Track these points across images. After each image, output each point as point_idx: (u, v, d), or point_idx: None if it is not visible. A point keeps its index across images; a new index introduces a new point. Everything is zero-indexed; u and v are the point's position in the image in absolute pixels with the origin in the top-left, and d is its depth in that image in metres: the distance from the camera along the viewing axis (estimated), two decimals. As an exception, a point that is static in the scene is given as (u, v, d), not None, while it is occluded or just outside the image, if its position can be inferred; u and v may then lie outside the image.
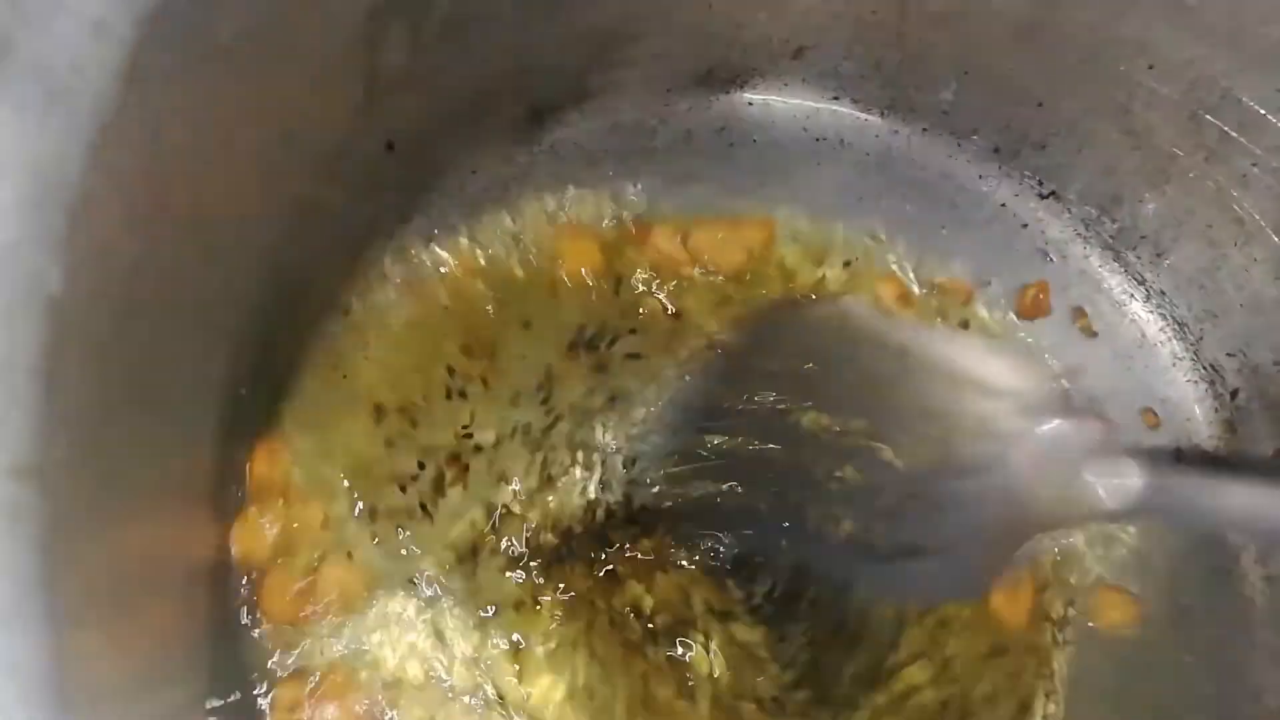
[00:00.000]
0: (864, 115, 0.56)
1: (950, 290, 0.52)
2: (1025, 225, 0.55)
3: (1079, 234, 0.55)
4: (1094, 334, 0.53)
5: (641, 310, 0.50)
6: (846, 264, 0.52)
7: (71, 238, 0.23)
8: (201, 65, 0.29)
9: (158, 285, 0.30)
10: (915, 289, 0.52)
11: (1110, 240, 0.54)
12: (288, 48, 0.34)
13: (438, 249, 0.50)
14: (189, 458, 0.36)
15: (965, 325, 0.52)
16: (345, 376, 0.47)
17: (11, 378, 0.21)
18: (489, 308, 0.49)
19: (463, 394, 0.48)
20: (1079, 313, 0.53)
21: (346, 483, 0.46)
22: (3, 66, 0.23)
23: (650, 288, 0.50)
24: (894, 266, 0.52)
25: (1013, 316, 0.53)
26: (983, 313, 0.53)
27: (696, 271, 0.51)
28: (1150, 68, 0.47)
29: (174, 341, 0.33)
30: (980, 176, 0.55)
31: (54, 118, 0.23)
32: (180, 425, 0.34)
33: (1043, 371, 0.50)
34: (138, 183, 0.27)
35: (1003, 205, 0.55)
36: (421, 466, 0.47)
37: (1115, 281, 0.54)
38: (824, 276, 0.52)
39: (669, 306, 0.50)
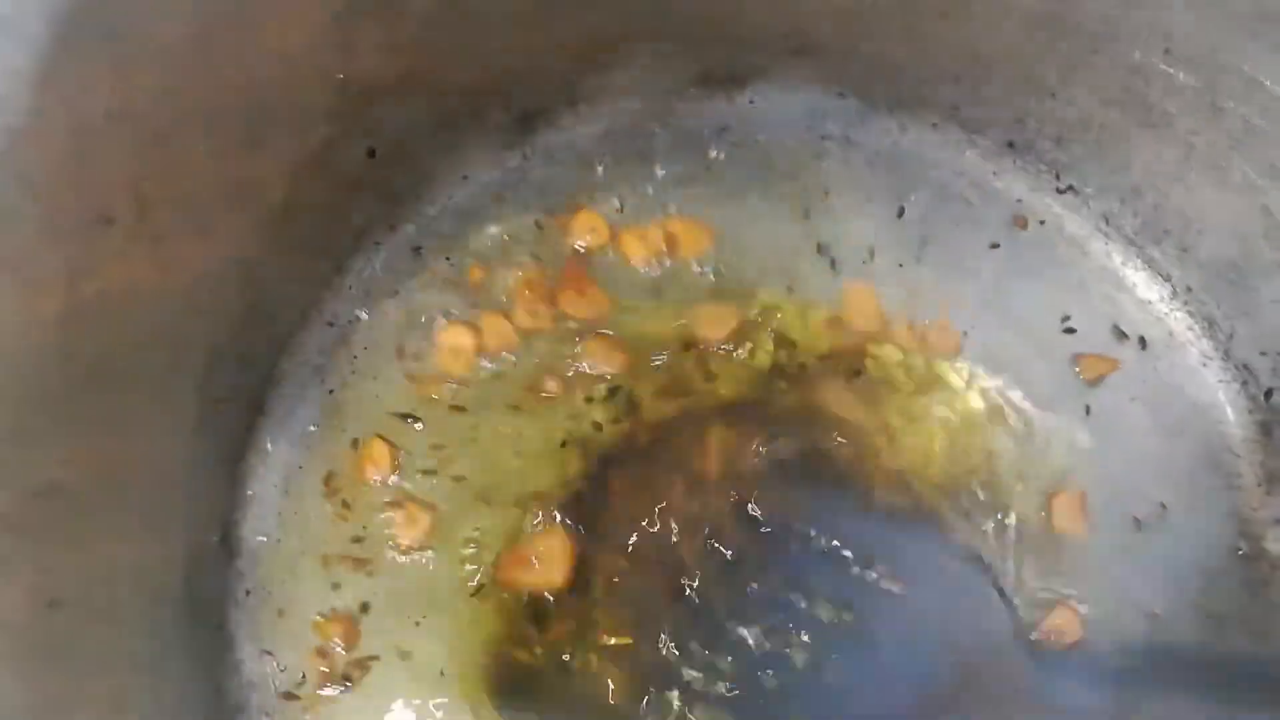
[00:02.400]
0: (871, 111, 0.53)
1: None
2: (1043, 221, 0.52)
3: (1099, 229, 0.52)
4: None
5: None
6: (832, 264, 0.51)
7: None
8: (137, 66, 0.28)
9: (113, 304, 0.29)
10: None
11: (1133, 235, 0.51)
12: (243, 49, 0.33)
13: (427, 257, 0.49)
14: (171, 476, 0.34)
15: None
16: (331, 391, 0.46)
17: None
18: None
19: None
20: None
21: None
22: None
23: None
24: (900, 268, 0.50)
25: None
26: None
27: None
28: (1167, 52, 0.44)
29: (138, 361, 0.32)
30: (994, 172, 0.53)
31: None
32: (155, 445, 0.33)
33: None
34: (62, 190, 0.26)
35: (1018, 200, 0.53)
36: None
37: (1139, 278, 0.51)
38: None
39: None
